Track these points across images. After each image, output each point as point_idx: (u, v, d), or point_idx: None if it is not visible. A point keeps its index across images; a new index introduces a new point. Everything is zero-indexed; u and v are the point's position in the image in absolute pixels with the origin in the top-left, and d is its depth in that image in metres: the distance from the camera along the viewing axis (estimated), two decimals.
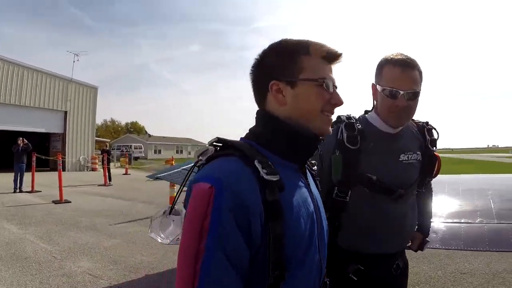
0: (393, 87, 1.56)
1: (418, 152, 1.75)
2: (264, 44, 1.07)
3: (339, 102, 1.04)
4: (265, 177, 0.88)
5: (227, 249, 0.82)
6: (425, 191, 1.95)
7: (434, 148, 1.81)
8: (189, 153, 66.75)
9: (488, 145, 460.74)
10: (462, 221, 2.76)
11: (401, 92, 1.55)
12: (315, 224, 1.01)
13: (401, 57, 1.58)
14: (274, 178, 0.89)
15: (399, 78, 1.55)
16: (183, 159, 25.52)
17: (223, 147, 0.97)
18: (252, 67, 1.07)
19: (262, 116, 1.04)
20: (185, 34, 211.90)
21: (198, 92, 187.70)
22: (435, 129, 1.83)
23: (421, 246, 1.96)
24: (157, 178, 5.24)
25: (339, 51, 1.03)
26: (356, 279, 1.64)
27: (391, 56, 1.60)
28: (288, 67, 1.00)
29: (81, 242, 6.25)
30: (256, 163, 0.90)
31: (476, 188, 3.42)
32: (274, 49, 1.04)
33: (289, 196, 0.94)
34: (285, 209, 0.90)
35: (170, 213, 1.02)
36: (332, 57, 1.03)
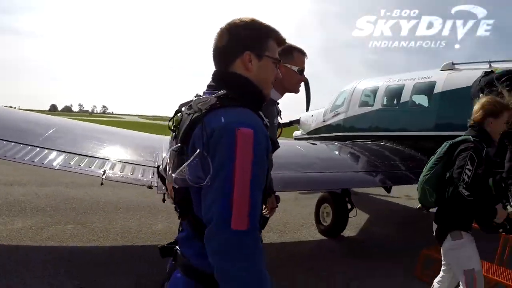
0: (302, 68, 2.21)
1: (278, 117, 2.39)
2: None
3: (279, 77, 1.47)
4: (268, 124, 1.28)
5: (262, 173, 1.17)
6: None
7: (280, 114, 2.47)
8: None
9: None
10: None
11: (305, 71, 2.25)
12: None
13: (300, 47, 2.26)
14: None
15: (304, 62, 2.26)
16: None
17: (228, 99, 1.23)
18: (222, 35, 1.35)
19: (238, 77, 1.33)
20: None
21: None
22: None
23: (277, 201, 2.64)
24: None
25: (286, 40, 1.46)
26: None
27: (295, 46, 2.24)
28: (260, 44, 1.35)
29: None
30: (260, 113, 1.29)
31: None
32: (250, 26, 1.34)
33: None
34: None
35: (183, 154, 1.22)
36: (282, 43, 1.43)
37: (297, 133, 11.03)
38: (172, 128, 1.35)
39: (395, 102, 7.07)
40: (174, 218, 6.22)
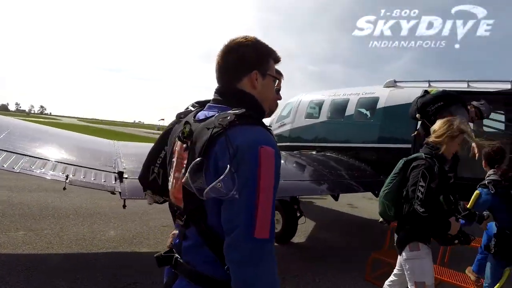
0: (279, 87, 2.34)
1: None
2: None
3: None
4: (276, 140, 1.36)
5: (278, 187, 1.27)
6: None
7: None
8: None
9: (135, 121, 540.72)
10: None
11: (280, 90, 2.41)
12: None
13: (279, 69, 2.41)
14: None
15: (281, 82, 2.44)
16: None
17: (245, 116, 1.29)
18: (229, 53, 1.45)
19: (246, 94, 1.44)
20: None
21: None
22: None
23: None
24: None
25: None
26: None
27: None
28: (264, 64, 1.48)
29: None
30: (271, 130, 1.37)
31: None
32: (255, 47, 1.46)
33: None
34: None
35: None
36: (278, 62, 1.57)
37: None
38: (183, 139, 1.38)
39: (340, 115, 7.51)
40: (126, 225, 6.42)
